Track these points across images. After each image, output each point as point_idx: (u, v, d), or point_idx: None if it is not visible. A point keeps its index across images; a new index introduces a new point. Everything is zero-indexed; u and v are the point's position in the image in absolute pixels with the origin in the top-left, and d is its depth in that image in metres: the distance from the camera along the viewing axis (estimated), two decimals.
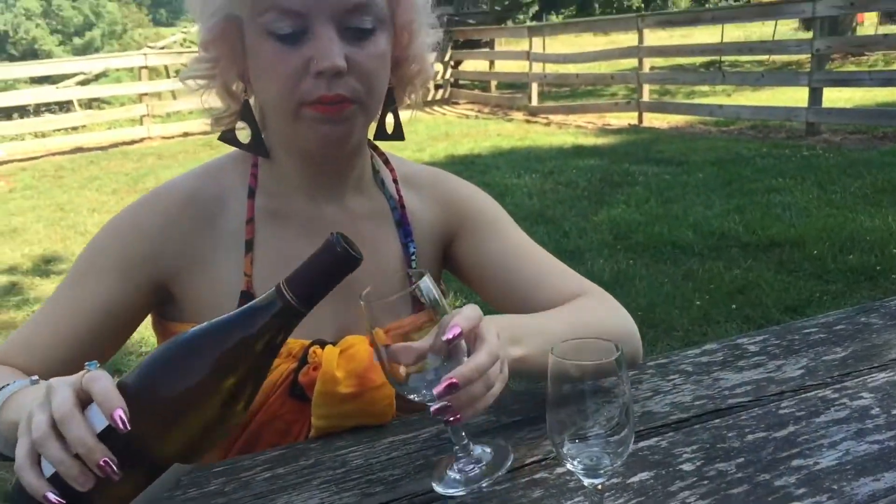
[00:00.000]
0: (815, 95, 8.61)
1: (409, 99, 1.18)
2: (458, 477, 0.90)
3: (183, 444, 0.79)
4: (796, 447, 0.99)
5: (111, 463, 0.74)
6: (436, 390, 0.83)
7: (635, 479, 0.94)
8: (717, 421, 1.07)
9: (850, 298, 4.04)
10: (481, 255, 1.19)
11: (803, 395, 1.13)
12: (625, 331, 1.17)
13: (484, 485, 0.89)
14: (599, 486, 0.81)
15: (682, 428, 1.06)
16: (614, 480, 0.93)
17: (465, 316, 0.87)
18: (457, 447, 0.92)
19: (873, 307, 1.45)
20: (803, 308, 3.95)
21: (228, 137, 1.13)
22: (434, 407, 0.85)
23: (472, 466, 0.91)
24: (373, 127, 1.17)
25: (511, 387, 1.00)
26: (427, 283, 0.88)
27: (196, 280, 1.11)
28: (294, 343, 1.08)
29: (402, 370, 0.87)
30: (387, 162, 1.22)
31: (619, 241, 5.35)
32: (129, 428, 0.74)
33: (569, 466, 0.80)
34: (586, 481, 0.80)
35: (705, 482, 0.92)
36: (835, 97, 9.77)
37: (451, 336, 0.84)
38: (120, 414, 0.74)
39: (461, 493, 0.89)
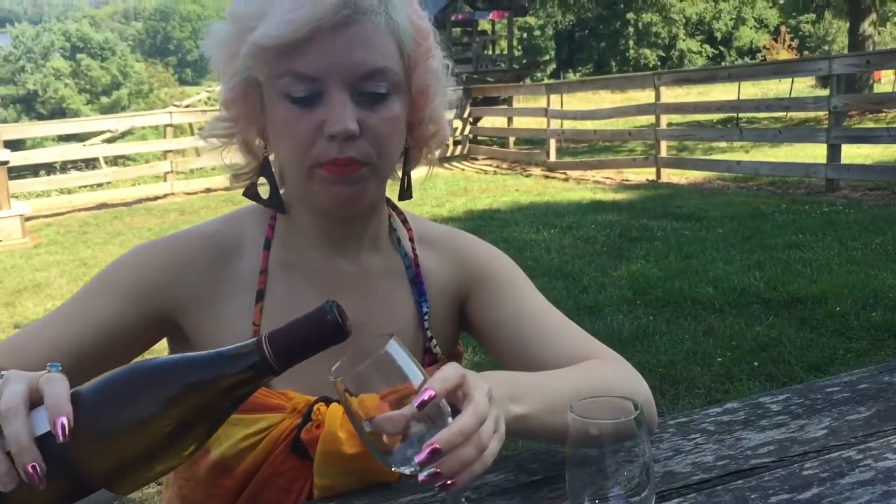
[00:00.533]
0: (834, 152, 8.63)
1: (425, 159, 1.20)
2: None
3: (116, 471, 0.76)
4: None
5: (38, 469, 0.72)
6: (417, 458, 0.79)
7: None
8: (739, 482, 1.06)
9: (875, 356, 3.99)
10: (493, 315, 1.18)
11: (827, 456, 1.11)
12: (636, 395, 1.15)
13: None
14: None
15: (704, 489, 1.05)
16: None
17: (441, 377, 0.82)
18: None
19: None
20: (827, 366, 3.90)
21: (251, 193, 1.15)
22: (422, 476, 0.80)
23: None
24: (394, 187, 1.19)
25: (522, 447, 0.99)
26: (395, 348, 0.83)
27: (206, 322, 1.12)
28: (299, 399, 1.08)
29: (387, 440, 0.82)
30: (405, 221, 1.23)
31: (638, 297, 5.32)
32: (68, 439, 0.72)
33: None
34: None
35: None
36: (853, 153, 9.79)
37: (421, 401, 0.79)
38: (63, 422, 0.72)
39: None
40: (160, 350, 1.09)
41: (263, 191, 1.16)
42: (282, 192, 1.15)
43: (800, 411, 1.27)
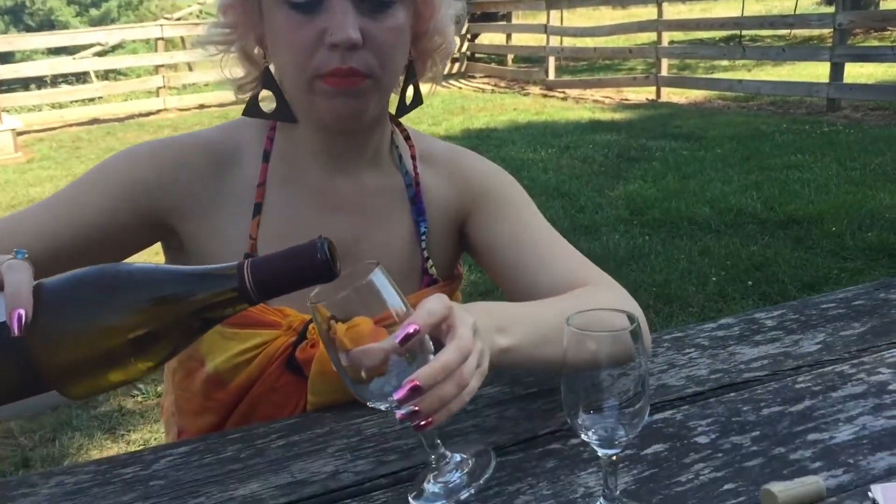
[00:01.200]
0: (837, 71, 8.50)
1: (430, 72, 1.16)
2: (437, 489, 0.83)
3: (70, 374, 0.73)
4: (812, 421, 0.98)
5: None
6: (396, 395, 0.75)
7: (649, 450, 0.94)
8: (732, 395, 1.07)
9: (869, 276, 4.01)
10: (491, 235, 1.16)
11: (820, 370, 1.12)
12: None
13: (465, 495, 0.82)
14: (614, 458, 0.80)
15: (697, 401, 1.06)
16: (628, 452, 0.93)
17: (425, 311, 0.78)
18: (432, 456, 0.84)
19: (892, 283, 1.44)
20: (821, 285, 3.93)
21: (254, 111, 1.11)
22: (399, 413, 0.76)
23: (452, 475, 0.83)
24: (394, 101, 1.15)
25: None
26: (380, 278, 0.79)
27: (201, 231, 1.10)
28: (295, 316, 1.07)
29: (364, 375, 0.79)
30: (407, 138, 1.20)
31: (635, 217, 5.32)
32: (23, 334, 0.69)
33: (583, 437, 0.80)
34: (600, 452, 0.80)
35: (720, 455, 0.92)
36: (856, 73, 9.63)
37: (403, 336, 0.76)
38: (21, 314, 0.69)
39: None
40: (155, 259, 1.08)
41: (265, 107, 1.13)
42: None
43: (794, 327, 1.27)
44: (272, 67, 1.09)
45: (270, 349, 1.06)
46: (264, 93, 1.10)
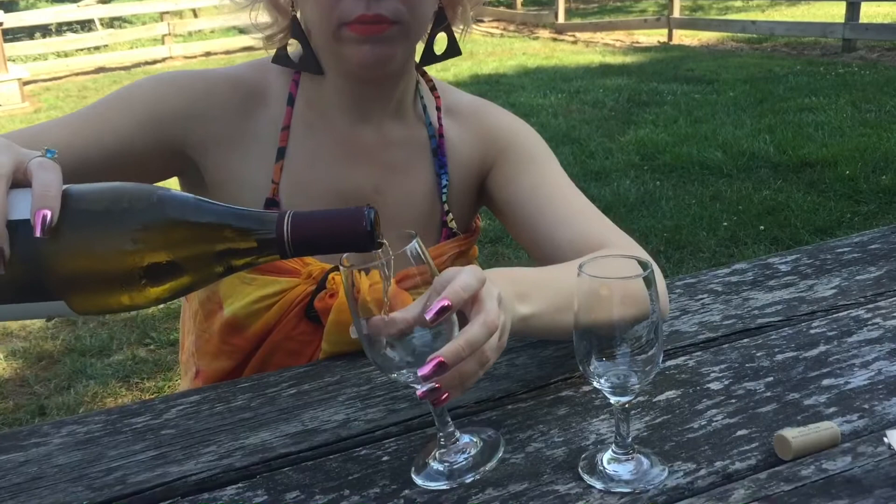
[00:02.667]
0: (853, 10, 8.32)
1: (460, 19, 1.12)
2: (441, 468, 0.80)
3: (81, 286, 0.70)
4: (827, 367, 0.97)
5: (2, 254, 0.67)
6: (421, 371, 0.72)
7: (662, 397, 0.93)
8: (746, 340, 1.06)
9: (882, 219, 3.97)
10: (512, 189, 1.14)
11: (835, 315, 1.11)
12: None
13: (469, 480, 0.79)
14: (626, 405, 0.80)
15: (710, 347, 1.05)
16: (640, 399, 0.93)
17: (460, 285, 0.74)
18: (441, 434, 0.81)
19: None
20: (833, 230, 3.90)
21: (282, 59, 1.09)
22: (420, 390, 0.75)
23: (457, 456, 0.81)
24: (420, 50, 1.12)
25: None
26: (416, 249, 0.76)
27: (224, 167, 1.09)
28: (315, 265, 1.07)
29: (385, 342, 0.77)
30: (433, 89, 1.18)
31: (645, 162, 5.27)
32: (45, 236, 0.66)
33: (595, 385, 0.79)
34: (612, 399, 0.79)
35: (733, 401, 0.91)
36: (873, 12, 9.44)
37: (436, 311, 0.72)
38: (46, 215, 0.66)
39: (443, 488, 0.79)
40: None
41: (292, 54, 1.10)
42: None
43: (809, 271, 1.26)
44: (299, 16, 1.06)
45: (289, 297, 1.06)
46: (291, 41, 1.08)
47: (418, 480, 0.80)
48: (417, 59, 1.13)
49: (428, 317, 0.72)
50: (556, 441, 0.86)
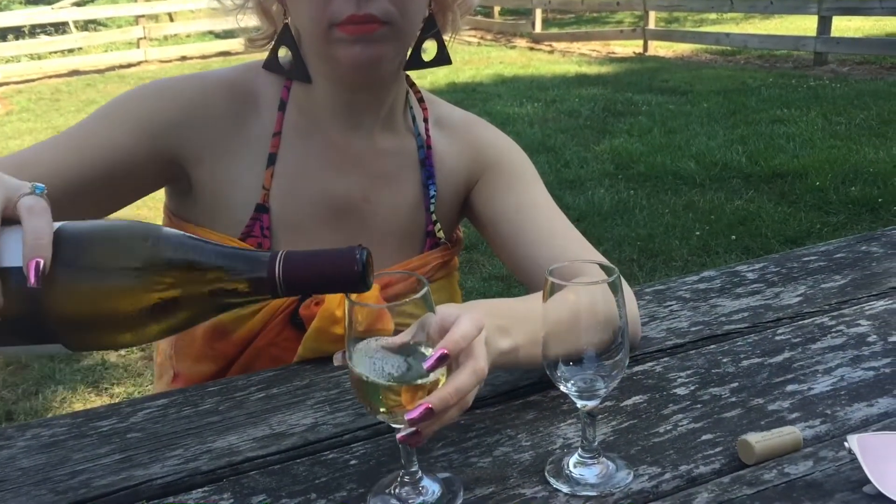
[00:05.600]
0: (825, 24, 8.45)
1: (449, 26, 1.13)
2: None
3: (77, 329, 0.69)
4: (791, 373, 0.99)
5: None
6: (409, 416, 0.71)
7: (629, 402, 0.94)
8: (712, 347, 1.07)
9: (851, 230, 4.03)
10: (496, 206, 1.15)
11: (800, 322, 1.12)
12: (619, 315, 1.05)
13: None
14: (592, 409, 0.80)
15: (677, 353, 1.06)
16: (608, 404, 0.94)
17: (461, 334, 0.74)
18: (404, 472, 0.79)
19: (874, 236, 1.44)
20: (803, 239, 3.95)
21: (273, 66, 1.10)
22: (401, 435, 0.74)
23: (416, 498, 0.79)
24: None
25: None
26: (425, 296, 0.75)
27: (216, 175, 1.08)
28: None
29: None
30: (421, 100, 1.18)
31: (620, 171, 5.31)
32: (38, 285, 0.64)
33: (562, 389, 0.79)
34: (579, 403, 0.80)
35: (699, 406, 0.92)
36: (843, 27, 9.59)
37: (434, 362, 0.72)
38: (38, 263, 0.64)
39: None
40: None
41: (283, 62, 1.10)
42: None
43: (776, 279, 1.27)
44: (290, 23, 1.06)
45: (275, 303, 1.06)
46: (282, 49, 1.08)
47: (371, 502, 0.79)
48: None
49: (426, 366, 0.72)
50: (524, 445, 0.87)
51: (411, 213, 1.15)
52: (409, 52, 1.09)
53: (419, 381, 0.74)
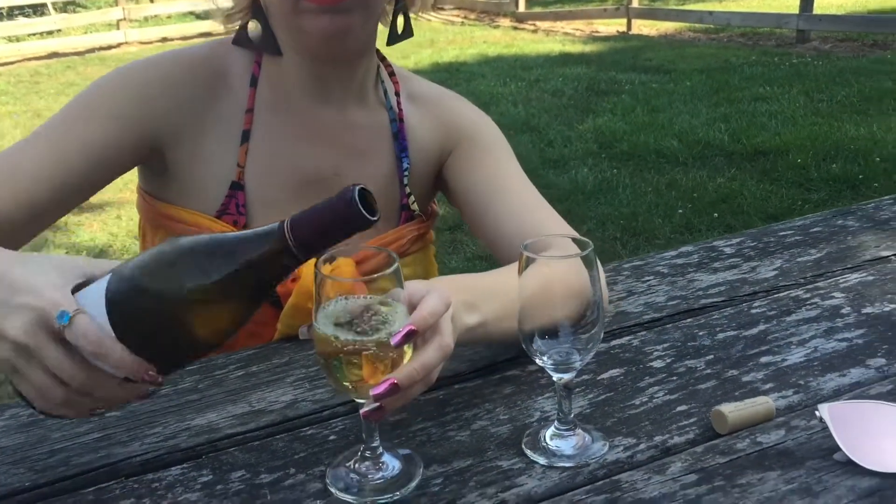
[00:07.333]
0: (807, 1, 8.45)
1: (419, 3, 1.12)
2: (353, 479, 0.78)
3: (161, 365, 0.73)
4: (766, 345, 1.00)
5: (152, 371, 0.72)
6: (374, 391, 0.71)
7: (605, 375, 0.95)
8: (689, 320, 1.08)
9: (832, 207, 4.03)
10: (467, 178, 1.15)
11: (776, 296, 1.14)
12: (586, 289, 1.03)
13: (379, 501, 0.76)
14: (569, 382, 0.81)
15: (654, 327, 1.07)
16: (585, 377, 0.94)
17: (429, 310, 0.74)
18: (364, 446, 0.79)
19: (850, 210, 1.45)
20: (784, 216, 3.97)
21: (242, 40, 1.09)
22: (364, 410, 0.74)
23: (375, 473, 0.78)
24: (384, 34, 1.13)
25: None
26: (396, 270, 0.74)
27: (193, 154, 1.08)
28: None
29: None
30: (392, 74, 1.18)
31: (603, 150, 5.31)
32: (163, 381, 0.72)
33: (538, 362, 0.80)
34: (555, 376, 0.81)
35: (674, 378, 0.93)
36: (826, 3, 9.61)
37: (401, 337, 0.72)
38: (150, 372, 0.71)
39: (349, 500, 0.76)
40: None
41: (252, 36, 1.09)
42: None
43: (752, 254, 1.28)
44: None
45: None
46: (252, 23, 1.07)
47: (328, 481, 0.78)
48: (379, 43, 1.13)
49: (393, 342, 0.71)
50: (502, 419, 0.87)
51: (385, 187, 1.15)
52: (378, 26, 1.09)
53: (383, 338, 0.72)
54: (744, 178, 4.58)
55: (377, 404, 0.73)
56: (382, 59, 1.18)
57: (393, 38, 1.13)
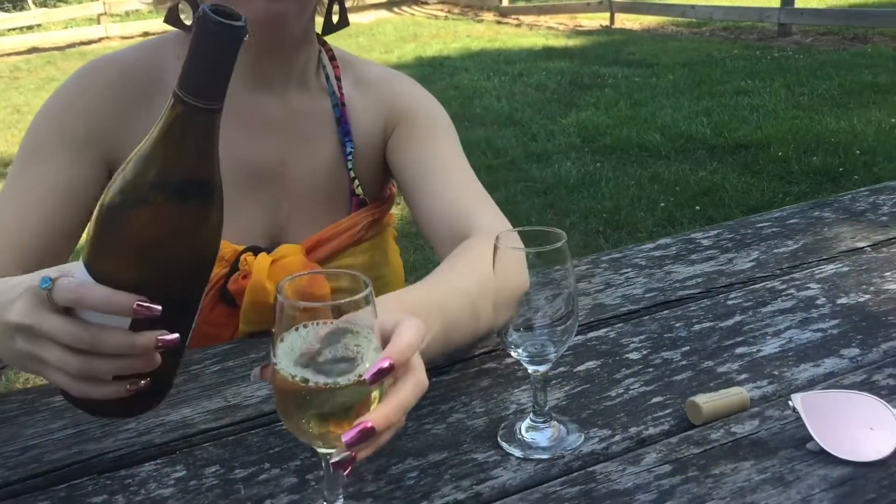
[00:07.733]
0: None
1: None
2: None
3: (172, 278, 0.70)
4: (741, 336, 1.00)
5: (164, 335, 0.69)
6: (345, 438, 0.60)
7: (582, 367, 0.95)
8: (665, 312, 1.08)
9: (813, 199, 4.08)
10: (406, 156, 1.14)
11: (752, 287, 1.14)
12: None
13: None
14: (544, 374, 0.81)
15: (631, 319, 1.07)
16: (562, 369, 0.95)
17: (406, 344, 0.64)
18: (326, 492, 0.69)
19: (827, 202, 1.46)
20: (765, 209, 3.97)
21: (173, 19, 1.07)
22: (334, 459, 0.63)
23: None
24: (320, 23, 1.12)
25: None
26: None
27: None
28: (226, 248, 1.05)
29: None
30: (332, 58, 1.18)
31: (586, 144, 5.32)
32: (159, 309, 0.67)
33: (514, 354, 0.80)
34: (531, 369, 0.81)
35: (650, 370, 0.93)
36: None
37: (374, 374, 0.62)
38: (139, 303, 0.67)
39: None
40: None
41: (186, 18, 1.09)
42: None
43: (729, 245, 1.29)
44: None
45: None
46: (182, 4, 1.06)
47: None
48: (318, 30, 1.13)
49: (367, 378, 0.62)
50: (478, 411, 0.87)
51: (332, 174, 1.14)
52: (313, 14, 1.09)
53: (354, 377, 0.62)
54: (725, 171, 4.60)
55: (348, 452, 0.63)
56: (323, 43, 1.18)
57: (328, 28, 1.12)
